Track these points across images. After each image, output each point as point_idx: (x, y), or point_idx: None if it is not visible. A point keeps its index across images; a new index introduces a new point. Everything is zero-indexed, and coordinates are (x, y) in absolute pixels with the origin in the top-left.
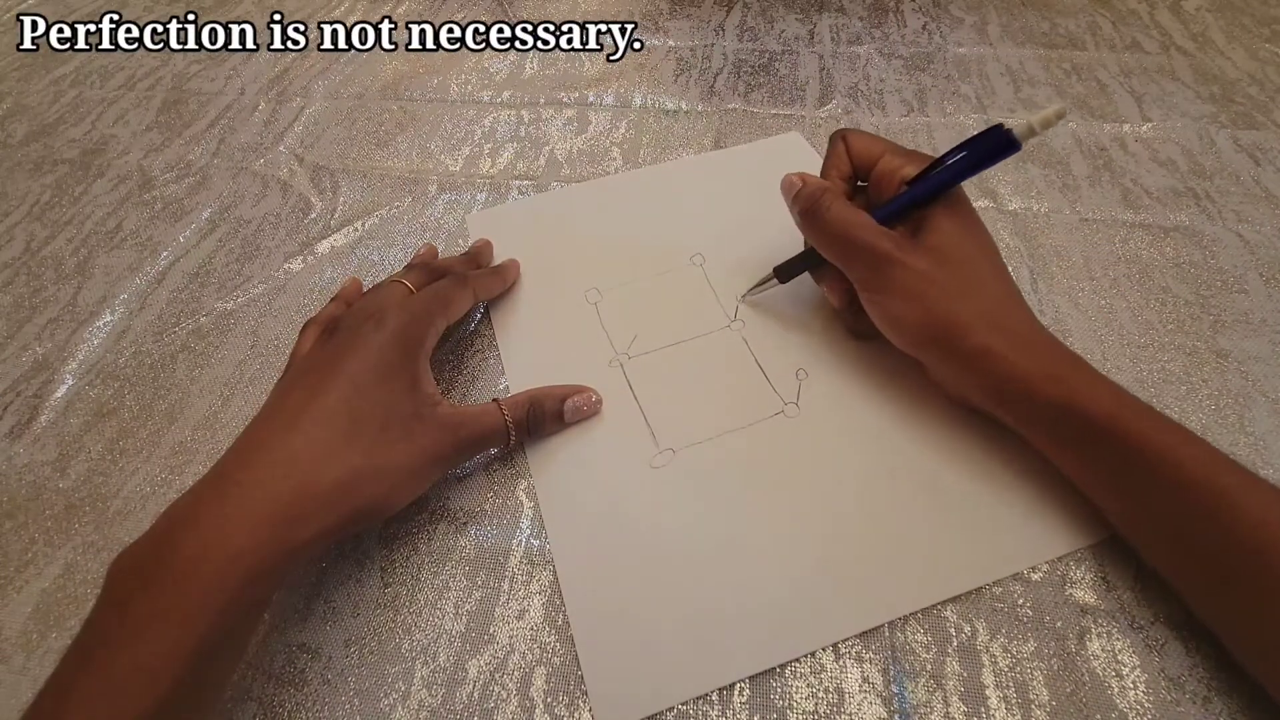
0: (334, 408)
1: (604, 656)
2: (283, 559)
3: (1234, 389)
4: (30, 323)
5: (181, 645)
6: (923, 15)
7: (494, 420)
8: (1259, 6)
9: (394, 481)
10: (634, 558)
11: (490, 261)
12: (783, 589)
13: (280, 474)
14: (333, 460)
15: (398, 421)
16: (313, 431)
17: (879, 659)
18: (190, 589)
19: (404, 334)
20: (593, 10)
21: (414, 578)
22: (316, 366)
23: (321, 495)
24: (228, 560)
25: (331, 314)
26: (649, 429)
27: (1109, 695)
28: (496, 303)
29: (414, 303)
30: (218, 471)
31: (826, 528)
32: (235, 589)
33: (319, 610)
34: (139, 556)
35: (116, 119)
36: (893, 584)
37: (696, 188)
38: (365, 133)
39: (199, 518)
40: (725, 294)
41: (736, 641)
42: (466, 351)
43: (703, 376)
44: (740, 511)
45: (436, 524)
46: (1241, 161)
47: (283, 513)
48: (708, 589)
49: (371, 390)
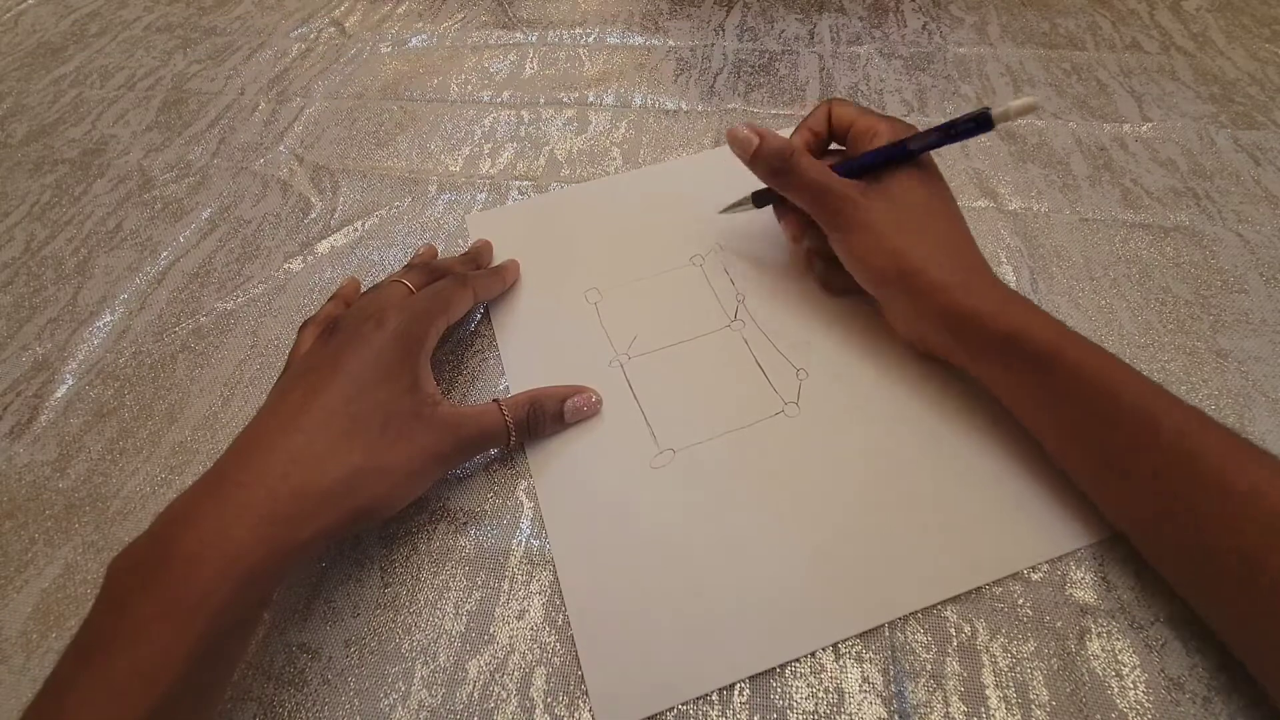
0: (334, 407)
1: (604, 656)
2: (282, 558)
3: (1234, 389)
4: (30, 323)
5: (180, 645)
6: (923, 15)
7: (494, 420)
8: (1259, 6)
9: (394, 481)
10: (634, 558)
11: (490, 262)
12: (783, 589)
13: (279, 473)
14: (333, 459)
15: (398, 421)
16: (313, 431)
17: (879, 659)
18: (189, 589)
19: (404, 334)
20: (593, 10)
21: (414, 578)
22: (316, 366)
23: (321, 494)
24: (227, 560)
25: (330, 313)
26: (649, 429)
27: (1109, 695)
28: (496, 303)
29: (414, 302)
30: (217, 471)
31: (826, 527)
32: (234, 588)
33: (319, 610)
34: (138, 556)
35: (116, 119)
36: (893, 583)
37: (697, 187)
38: (365, 133)
39: (198, 517)
40: (725, 294)
41: (737, 641)
42: (466, 352)
43: (703, 376)
44: (741, 511)
45: (436, 524)
46: (1241, 161)
47: (282, 512)
48: (708, 589)
49: (372, 390)
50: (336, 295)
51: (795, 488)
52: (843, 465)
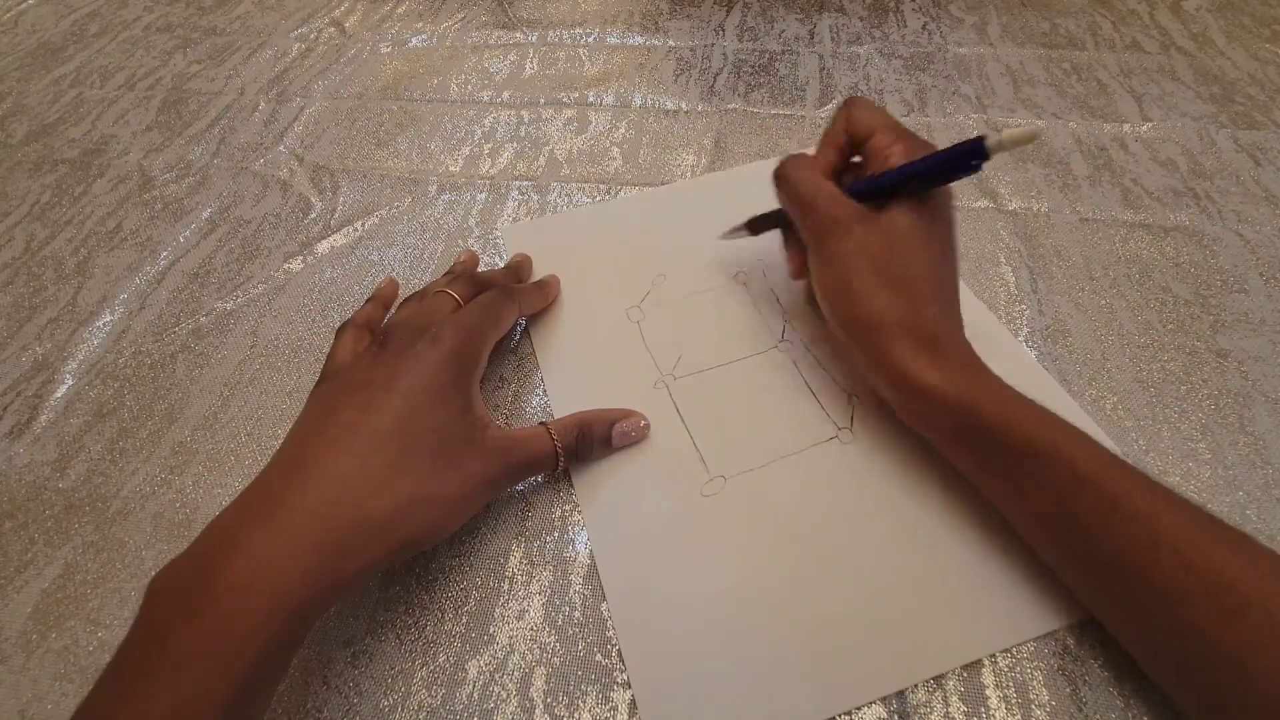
0: (388, 430)
1: (660, 696)
2: (328, 592)
3: (1234, 389)
4: (30, 323)
5: (222, 683)
6: (923, 15)
7: (544, 445)
8: (1259, 6)
9: (445, 509)
10: (688, 595)
11: (530, 277)
12: (842, 633)
13: (330, 499)
14: (385, 488)
15: (450, 447)
16: (365, 455)
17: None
18: (234, 626)
19: (460, 353)
20: (593, 10)
21: (414, 578)
22: (370, 381)
23: (373, 525)
24: (275, 594)
25: (369, 316)
26: (699, 454)
27: (1109, 695)
28: (536, 320)
29: (466, 318)
30: (264, 489)
31: (890, 564)
32: (281, 624)
33: None
34: (181, 580)
35: (116, 119)
36: (956, 629)
37: (738, 201)
38: (365, 133)
39: (245, 543)
40: (771, 313)
41: (792, 689)
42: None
43: (751, 399)
44: (798, 543)
45: None
46: (1241, 161)
47: (332, 541)
48: (767, 630)
49: (426, 413)
50: (375, 297)
51: (853, 518)
52: (902, 492)
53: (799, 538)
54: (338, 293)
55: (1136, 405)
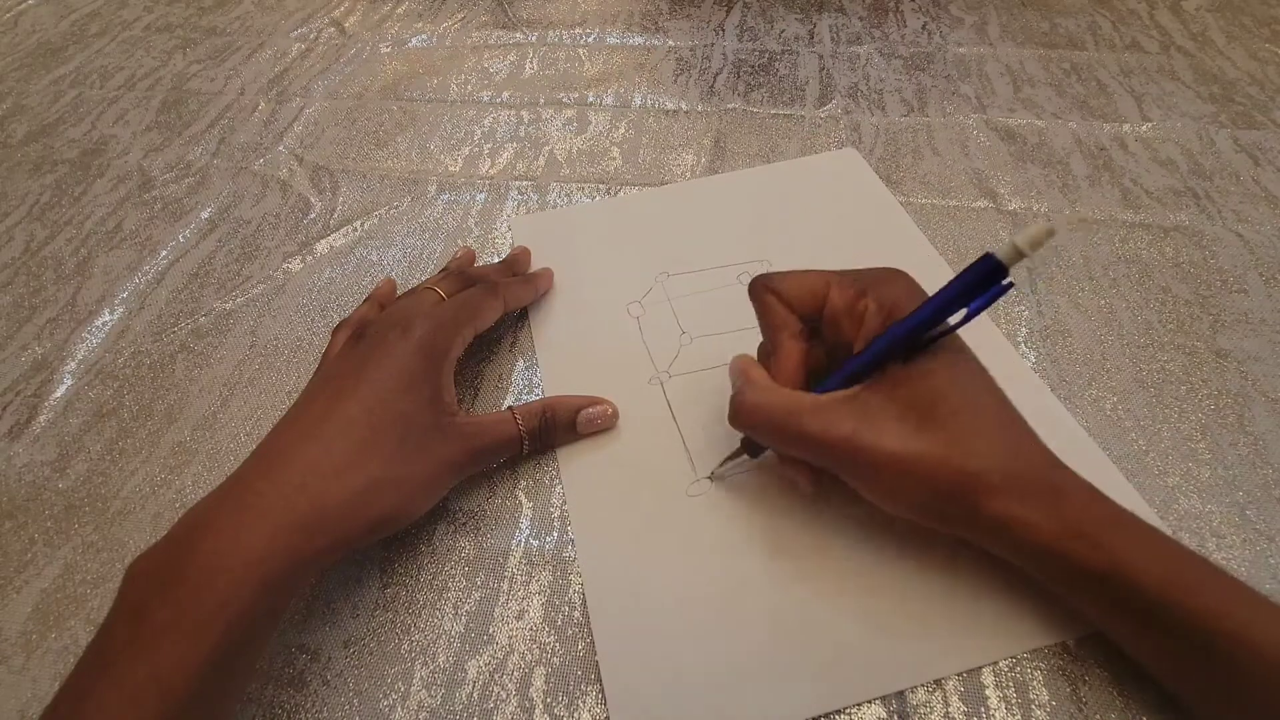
0: (354, 416)
1: (629, 691)
2: (299, 568)
3: (1234, 389)
4: (30, 323)
5: (195, 654)
6: (923, 15)
7: (508, 429)
8: (1259, 6)
9: (411, 492)
10: (666, 594)
11: (527, 269)
12: (826, 640)
13: (297, 483)
14: (350, 470)
15: (417, 433)
16: (332, 440)
17: None
18: (206, 597)
19: (429, 343)
20: (593, 10)
21: (413, 578)
22: (341, 373)
23: (339, 505)
24: (244, 568)
25: (363, 316)
26: (687, 454)
27: (1109, 695)
28: (537, 311)
29: (442, 311)
30: (237, 478)
31: (878, 574)
32: (250, 598)
33: (318, 611)
34: (156, 561)
35: (116, 119)
36: (958, 632)
37: (745, 202)
38: (365, 133)
39: (217, 524)
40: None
41: (769, 691)
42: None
43: None
44: (780, 551)
45: (436, 524)
46: (1241, 161)
47: (299, 522)
48: (745, 634)
49: (393, 400)
50: (371, 297)
51: (837, 524)
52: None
53: (784, 545)
54: (337, 293)
55: (1136, 405)
